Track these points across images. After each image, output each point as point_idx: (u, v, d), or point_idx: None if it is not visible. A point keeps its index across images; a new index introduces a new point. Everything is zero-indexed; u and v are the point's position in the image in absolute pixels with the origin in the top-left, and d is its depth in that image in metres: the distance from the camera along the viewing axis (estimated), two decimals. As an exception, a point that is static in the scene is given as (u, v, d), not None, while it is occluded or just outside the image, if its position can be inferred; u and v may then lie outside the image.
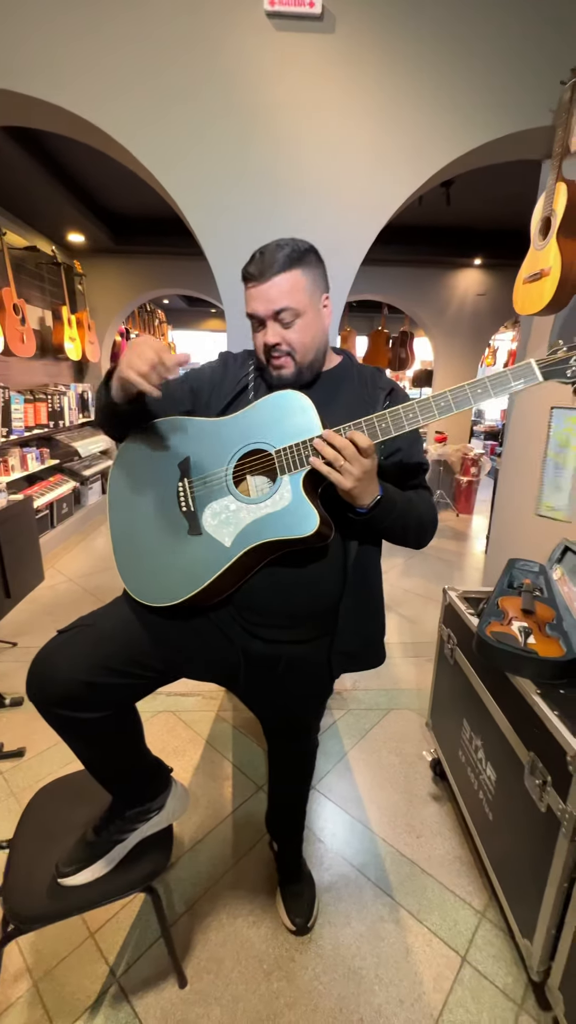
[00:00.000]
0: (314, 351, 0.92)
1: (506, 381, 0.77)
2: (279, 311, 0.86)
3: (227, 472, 0.88)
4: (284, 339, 0.88)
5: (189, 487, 0.90)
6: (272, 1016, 1.06)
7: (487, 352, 7.60)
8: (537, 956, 1.02)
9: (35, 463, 3.72)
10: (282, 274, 0.85)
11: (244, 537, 0.85)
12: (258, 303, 0.87)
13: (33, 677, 0.86)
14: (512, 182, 3.17)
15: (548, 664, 1.10)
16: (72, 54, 1.53)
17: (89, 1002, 1.08)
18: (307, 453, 0.82)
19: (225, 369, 1.00)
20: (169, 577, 0.88)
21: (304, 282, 0.87)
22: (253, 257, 0.87)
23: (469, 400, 0.79)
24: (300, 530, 0.81)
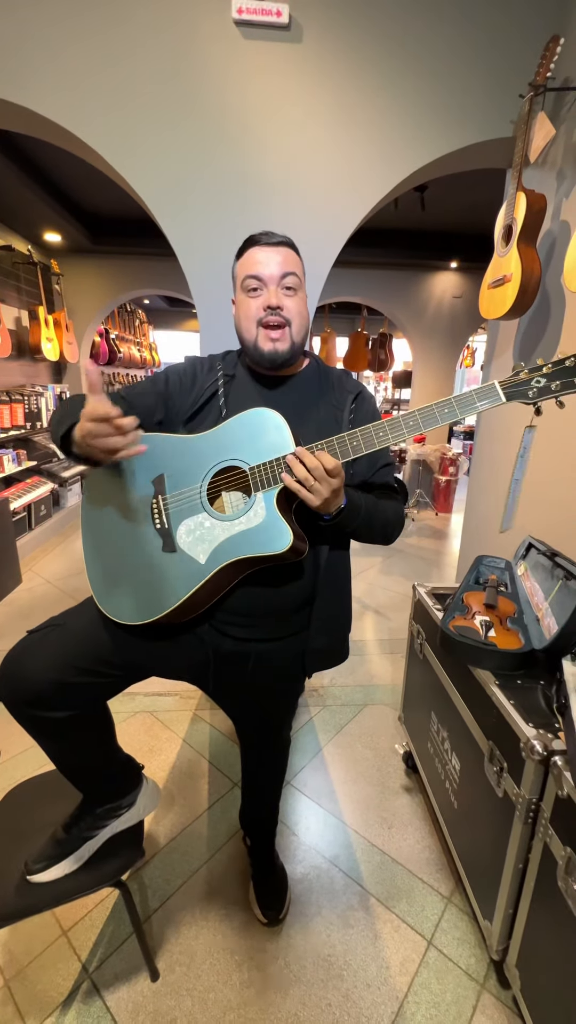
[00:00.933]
0: (303, 333, 0.94)
1: (471, 401, 0.80)
2: (286, 274, 0.89)
3: (201, 489, 0.88)
4: (285, 306, 0.90)
5: (163, 504, 0.90)
6: (242, 1004, 1.08)
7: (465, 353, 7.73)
8: (496, 936, 1.06)
9: (12, 465, 3.68)
10: (288, 249, 0.91)
11: (218, 554, 0.85)
12: (265, 265, 0.89)
13: (3, 678, 0.86)
14: (485, 188, 3.25)
15: (507, 656, 1.14)
16: (42, 60, 1.54)
17: (61, 998, 1.09)
18: (280, 470, 0.83)
19: (194, 375, 0.99)
20: (143, 595, 0.88)
21: (301, 265, 0.94)
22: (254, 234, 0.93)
23: (436, 419, 0.81)
24: (274, 547, 0.82)
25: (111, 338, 5.85)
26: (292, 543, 0.81)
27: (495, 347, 2.05)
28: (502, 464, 2.04)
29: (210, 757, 1.79)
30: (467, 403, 0.81)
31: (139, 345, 7.08)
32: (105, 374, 6.18)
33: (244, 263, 0.91)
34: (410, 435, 0.82)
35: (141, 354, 7.05)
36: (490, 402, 0.80)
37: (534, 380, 0.79)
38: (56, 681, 0.85)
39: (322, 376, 1.01)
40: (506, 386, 0.80)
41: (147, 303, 8.04)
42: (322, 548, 0.97)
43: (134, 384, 1.01)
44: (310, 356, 1.05)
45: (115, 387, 6.39)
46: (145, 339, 7.48)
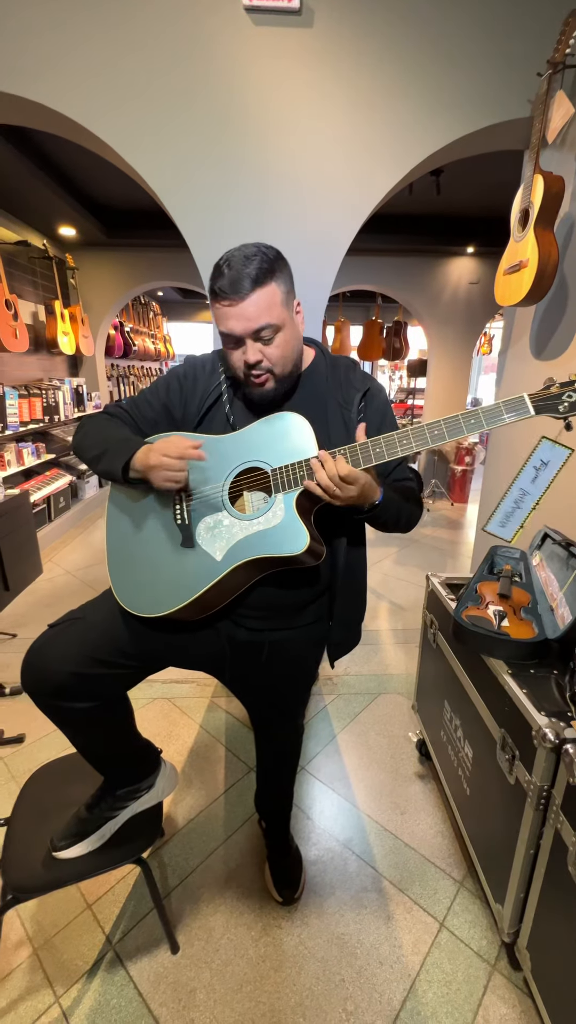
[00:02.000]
0: (292, 362, 0.90)
1: (499, 414, 0.80)
2: (259, 329, 0.82)
3: (223, 488, 0.90)
4: (265, 356, 0.85)
5: (186, 501, 0.92)
6: (259, 978, 1.12)
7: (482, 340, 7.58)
8: (507, 919, 1.08)
9: (31, 458, 3.75)
10: (258, 290, 0.80)
11: (235, 552, 0.86)
12: (235, 322, 0.81)
13: (26, 669, 0.90)
14: (502, 170, 3.17)
15: (520, 645, 1.15)
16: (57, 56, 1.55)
17: (86, 967, 1.14)
18: (302, 473, 0.84)
19: (195, 379, 0.97)
20: (158, 588, 0.89)
21: (279, 294, 0.83)
22: (220, 271, 0.81)
23: (462, 430, 0.81)
24: (290, 548, 0.83)
25: (126, 331, 5.89)
26: (308, 545, 0.82)
27: (511, 335, 2.02)
28: (518, 454, 2.01)
29: (226, 743, 1.83)
30: (494, 415, 0.80)
31: (153, 337, 7.11)
32: (119, 366, 6.23)
33: (215, 314, 0.85)
34: (434, 444, 0.82)
35: (155, 346, 7.08)
36: (518, 415, 0.80)
37: (565, 395, 0.78)
38: (76, 673, 0.88)
39: (329, 370, 0.98)
40: (536, 399, 0.79)
41: (161, 295, 8.06)
42: (340, 546, 0.98)
43: (139, 395, 1.00)
44: (314, 344, 1.01)
45: (130, 379, 6.45)
46: (159, 331, 7.51)
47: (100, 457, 0.89)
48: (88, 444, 0.92)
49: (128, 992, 1.09)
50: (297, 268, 0.99)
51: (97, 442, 0.91)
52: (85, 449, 0.93)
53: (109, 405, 1.00)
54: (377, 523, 0.96)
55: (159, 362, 7.70)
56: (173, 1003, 1.07)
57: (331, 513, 0.90)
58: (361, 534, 1.03)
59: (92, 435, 0.93)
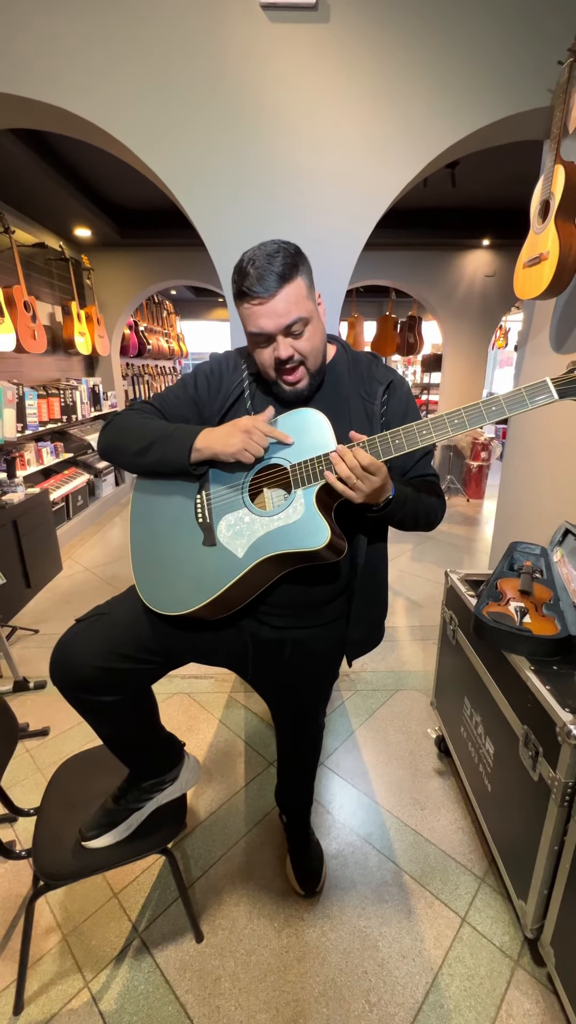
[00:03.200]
0: (321, 353, 0.92)
1: (520, 399, 0.78)
2: (291, 324, 0.83)
3: (244, 485, 0.91)
4: (296, 350, 0.86)
5: (207, 499, 0.92)
6: (283, 968, 1.14)
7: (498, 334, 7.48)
8: (531, 915, 1.08)
9: (50, 457, 3.82)
10: (286, 286, 0.81)
11: (256, 549, 0.87)
12: (266, 320, 0.82)
13: (55, 664, 0.92)
14: (519, 161, 3.12)
15: (542, 642, 1.14)
16: (72, 59, 1.57)
17: (114, 954, 1.17)
18: (321, 468, 0.84)
19: (220, 375, 0.99)
20: (181, 587, 0.90)
21: (304, 288, 0.84)
22: (245, 272, 0.81)
23: (483, 418, 0.80)
24: (311, 542, 0.83)
25: (140, 330, 5.94)
26: (329, 539, 0.82)
27: (530, 328, 1.99)
28: (537, 449, 1.99)
29: (246, 738, 1.85)
30: (516, 401, 0.78)
31: (167, 336, 7.16)
32: (134, 366, 6.29)
33: (243, 315, 0.85)
34: (455, 433, 0.81)
35: (169, 345, 7.13)
36: (544, 398, 0.78)
37: None
38: (102, 667, 0.89)
39: (351, 365, 0.99)
40: (559, 383, 0.77)
41: (174, 294, 8.10)
42: (360, 544, 0.98)
43: (166, 392, 1.02)
44: (335, 341, 1.02)
45: (145, 378, 6.50)
46: (173, 330, 7.55)
47: (149, 448, 0.90)
48: (129, 439, 0.93)
49: (155, 978, 1.12)
50: (315, 263, 0.99)
51: (140, 435, 0.91)
52: (125, 444, 0.93)
53: (135, 402, 1.00)
54: (393, 521, 0.95)
55: (173, 361, 7.75)
56: (199, 990, 1.10)
57: (351, 510, 0.90)
58: (382, 532, 1.03)
59: (131, 429, 0.93)
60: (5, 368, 3.62)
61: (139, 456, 0.91)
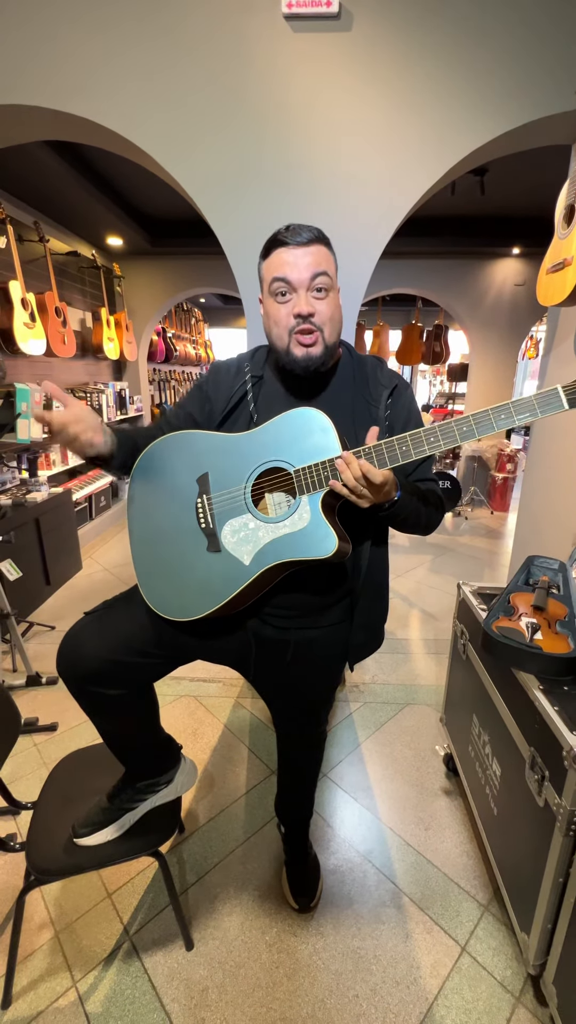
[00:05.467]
0: (337, 334, 0.92)
1: (531, 407, 0.75)
2: (316, 275, 0.85)
3: (246, 489, 0.88)
4: (316, 310, 0.86)
5: (208, 503, 0.91)
6: (272, 984, 1.11)
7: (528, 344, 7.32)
8: (533, 950, 1.02)
9: (75, 458, 3.91)
10: (317, 244, 0.86)
11: (263, 556, 0.85)
12: (293, 268, 0.84)
13: (62, 654, 0.93)
14: (550, 167, 3.06)
15: (553, 660, 1.09)
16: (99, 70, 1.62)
17: (104, 955, 1.16)
18: (326, 474, 0.82)
19: (217, 382, 1.00)
20: (188, 593, 0.89)
21: (332, 260, 0.89)
22: (278, 231, 0.87)
23: (492, 426, 0.77)
24: (319, 551, 0.82)
25: (168, 336, 6.06)
26: (337, 547, 0.81)
27: (554, 336, 1.94)
28: (560, 461, 1.92)
29: (249, 744, 1.83)
30: (526, 408, 0.76)
31: (195, 343, 7.28)
32: (160, 371, 6.41)
33: (270, 264, 0.87)
34: (462, 440, 0.78)
35: (196, 351, 7.25)
36: (552, 408, 0.75)
37: None
38: (109, 660, 0.90)
39: (356, 368, 0.99)
40: (570, 391, 0.74)
41: (203, 301, 8.25)
42: (364, 546, 0.97)
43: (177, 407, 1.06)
44: (342, 345, 1.02)
45: (171, 383, 6.62)
46: (200, 337, 7.68)
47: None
48: None
49: (142, 984, 1.11)
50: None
51: None
52: None
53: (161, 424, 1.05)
54: (395, 521, 0.93)
55: (199, 367, 7.87)
56: (185, 999, 1.08)
57: (353, 512, 0.88)
58: (383, 534, 1.02)
59: None
60: (35, 371, 3.74)
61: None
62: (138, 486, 0.98)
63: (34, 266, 3.49)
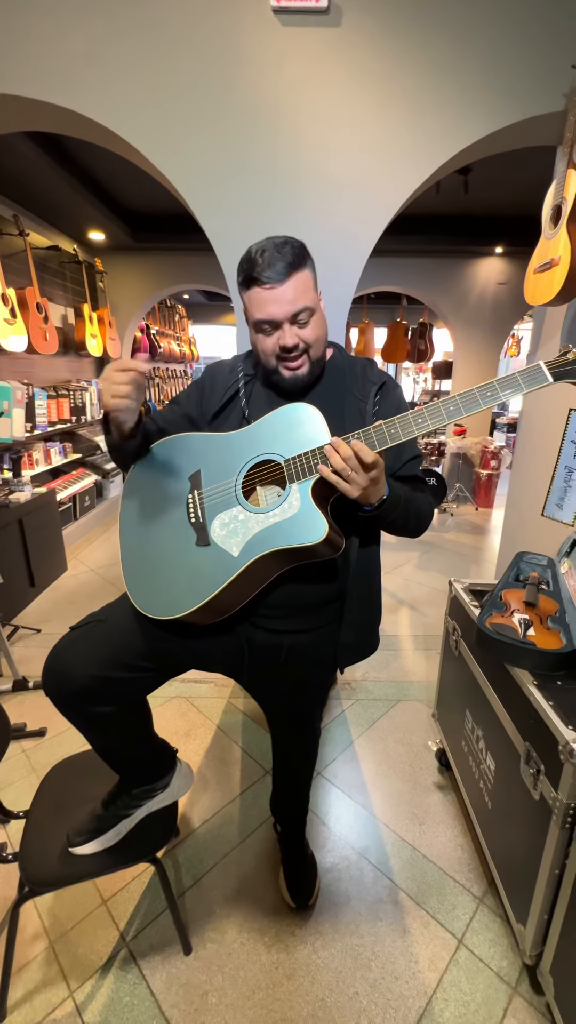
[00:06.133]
0: (324, 344, 0.94)
1: (515, 383, 0.76)
2: (298, 312, 0.85)
3: (236, 483, 0.89)
4: (301, 338, 0.87)
5: (199, 498, 0.91)
6: (271, 985, 1.11)
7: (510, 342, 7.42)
8: (530, 940, 1.04)
9: (58, 457, 3.84)
10: (295, 274, 0.84)
11: (252, 546, 0.84)
12: (276, 306, 0.84)
13: (49, 672, 0.89)
14: (533, 167, 3.09)
15: (546, 656, 1.11)
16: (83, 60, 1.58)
17: (100, 963, 1.15)
18: (315, 461, 0.82)
19: (213, 381, 1.02)
20: (174, 589, 0.87)
21: (311, 280, 0.88)
22: (254, 260, 0.83)
23: (478, 403, 0.78)
24: (308, 537, 0.81)
25: (151, 333, 5.98)
26: (327, 534, 0.80)
27: (540, 335, 1.96)
28: (548, 458, 1.95)
29: (243, 744, 1.83)
30: (511, 384, 0.76)
31: (179, 340, 7.20)
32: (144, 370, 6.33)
33: (250, 301, 0.86)
34: (450, 420, 0.79)
35: (180, 348, 7.17)
36: (537, 383, 0.76)
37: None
38: (98, 676, 0.87)
39: (346, 368, 1.00)
40: (553, 366, 0.75)
41: (186, 298, 8.16)
42: (353, 544, 0.96)
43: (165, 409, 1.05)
44: (333, 346, 1.03)
45: (155, 380, 6.54)
46: (184, 334, 7.60)
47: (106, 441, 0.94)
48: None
49: (141, 991, 1.09)
50: (322, 267, 0.99)
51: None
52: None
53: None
54: (384, 522, 0.93)
55: (184, 364, 7.79)
56: (185, 1004, 1.07)
57: (342, 510, 0.88)
58: (374, 535, 1.02)
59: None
60: (17, 368, 3.65)
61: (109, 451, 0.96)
62: (131, 491, 0.97)
63: (14, 260, 3.40)
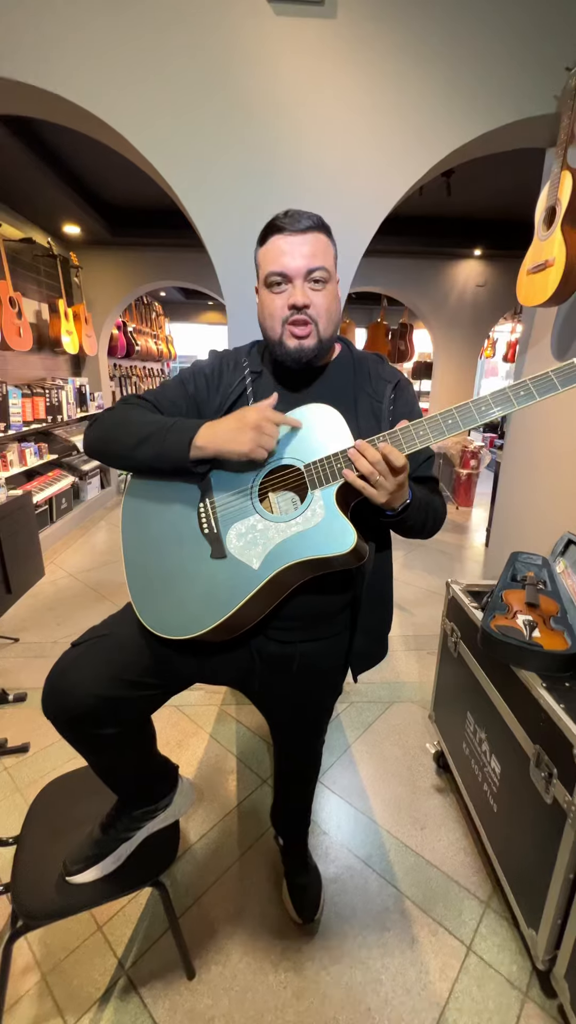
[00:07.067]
0: (333, 327, 0.87)
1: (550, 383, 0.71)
2: (314, 268, 0.80)
3: (252, 490, 0.83)
4: (312, 302, 0.81)
5: (211, 508, 0.84)
6: (280, 1006, 1.07)
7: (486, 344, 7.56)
8: (543, 946, 1.03)
9: (33, 458, 3.70)
10: (317, 232, 0.81)
11: (274, 558, 0.79)
12: (290, 257, 0.80)
13: (51, 695, 0.82)
14: (514, 171, 3.14)
15: (554, 657, 1.10)
16: (63, 38, 1.50)
17: (99, 994, 1.08)
18: (339, 466, 0.78)
19: (220, 373, 0.94)
20: (189, 607, 0.81)
21: (332, 249, 0.84)
22: (276, 216, 0.82)
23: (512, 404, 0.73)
24: (337, 547, 0.76)
25: (129, 331, 5.84)
26: (356, 542, 0.76)
27: (530, 336, 1.98)
28: (536, 459, 1.97)
29: (237, 753, 1.78)
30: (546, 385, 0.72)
31: (156, 338, 7.07)
32: (121, 367, 6.18)
33: (267, 253, 0.83)
34: (482, 422, 0.76)
35: (158, 347, 7.04)
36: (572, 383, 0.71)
37: None
38: (104, 696, 0.80)
39: (356, 365, 0.95)
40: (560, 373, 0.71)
41: (163, 295, 8.02)
42: (370, 550, 0.93)
43: (160, 387, 0.95)
44: (342, 342, 0.98)
45: (132, 379, 6.40)
46: (161, 332, 7.46)
47: (144, 442, 0.81)
48: (122, 432, 0.83)
49: (143, 1021, 1.04)
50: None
51: (135, 428, 0.82)
52: (118, 438, 0.84)
53: (128, 396, 0.92)
54: (404, 526, 0.89)
55: (161, 363, 7.65)
56: (191, 1034, 1.02)
57: (359, 516, 0.85)
58: (387, 538, 0.99)
59: (125, 423, 0.84)
60: (-12, 365, 3.50)
61: (133, 451, 0.82)
62: (133, 498, 0.90)
63: (-15, 252, 3.25)
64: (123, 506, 0.91)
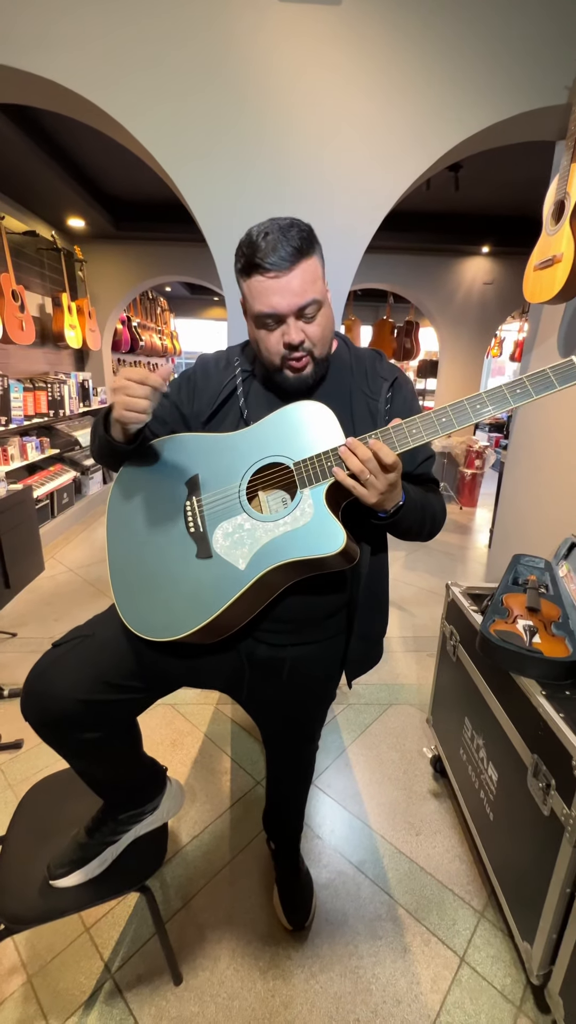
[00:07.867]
0: (329, 342, 0.85)
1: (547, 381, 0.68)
2: (306, 305, 0.76)
3: (240, 488, 0.80)
4: (307, 335, 0.78)
5: (198, 506, 0.82)
6: (268, 1015, 1.05)
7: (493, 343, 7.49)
8: (537, 960, 1.00)
9: (35, 452, 3.69)
10: (302, 262, 0.74)
11: (261, 558, 0.77)
12: (280, 298, 0.74)
13: (30, 697, 0.80)
14: (523, 166, 3.09)
15: (554, 665, 1.07)
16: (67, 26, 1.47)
17: (84, 998, 1.07)
18: (329, 464, 0.75)
19: (206, 376, 0.92)
20: (173, 608, 0.79)
21: (319, 268, 0.79)
22: (256, 244, 0.73)
23: (508, 401, 0.70)
24: (325, 548, 0.74)
25: (133, 326, 5.82)
26: (345, 544, 0.73)
27: (536, 335, 1.94)
28: (540, 460, 1.93)
29: (232, 754, 1.76)
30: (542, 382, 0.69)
31: (160, 333, 7.04)
32: (125, 362, 6.17)
33: (252, 292, 0.77)
34: (476, 420, 0.73)
35: (162, 342, 7.02)
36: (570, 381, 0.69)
37: None
38: (86, 700, 0.78)
39: (354, 361, 0.92)
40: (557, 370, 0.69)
41: (168, 290, 7.99)
42: (364, 552, 0.91)
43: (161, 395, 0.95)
44: (338, 337, 0.95)
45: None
46: (166, 327, 7.44)
47: (93, 436, 0.88)
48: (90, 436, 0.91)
49: (127, 1027, 1.02)
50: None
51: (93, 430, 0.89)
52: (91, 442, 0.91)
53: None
54: (398, 529, 0.87)
55: (166, 358, 7.63)
56: (176, 1041, 1.00)
57: (352, 517, 0.82)
58: (383, 540, 0.96)
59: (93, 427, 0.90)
60: (-10, 359, 3.49)
61: (94, 450, 0.89)
62: (119, 496, 0.87)
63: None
64: (108, 503, 0.89)
